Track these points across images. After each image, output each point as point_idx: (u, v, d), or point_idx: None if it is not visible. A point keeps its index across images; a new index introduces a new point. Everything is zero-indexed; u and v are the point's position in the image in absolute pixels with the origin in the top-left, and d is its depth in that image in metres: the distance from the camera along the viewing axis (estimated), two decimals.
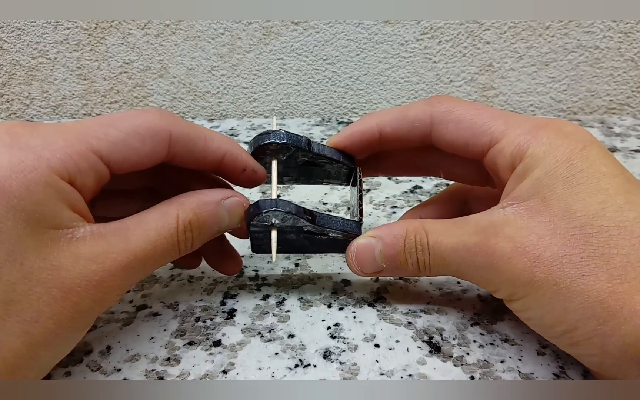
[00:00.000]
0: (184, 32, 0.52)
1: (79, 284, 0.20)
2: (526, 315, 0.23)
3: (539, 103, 0.54)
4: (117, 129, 0.22)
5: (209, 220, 0.24)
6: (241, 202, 0.25)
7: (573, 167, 0.22)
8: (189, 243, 0.23)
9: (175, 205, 0.23)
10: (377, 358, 0.25)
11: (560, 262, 0.20)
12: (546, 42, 0.51)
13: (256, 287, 0.30)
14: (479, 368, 0.24)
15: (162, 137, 0.23)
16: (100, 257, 0.20)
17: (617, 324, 0.19)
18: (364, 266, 0.26)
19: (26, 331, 0.19)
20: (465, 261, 0.23)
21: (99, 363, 0.25)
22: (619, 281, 0.20)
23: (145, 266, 0.22)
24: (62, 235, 0.20)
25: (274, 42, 0.52)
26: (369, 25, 0.51)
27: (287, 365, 0.24)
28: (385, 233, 0.25)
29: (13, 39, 0.52)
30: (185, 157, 0.24)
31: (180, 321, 0.27)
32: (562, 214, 0.21)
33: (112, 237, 0.21)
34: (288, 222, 0.26)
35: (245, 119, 0.55)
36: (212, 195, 0.24)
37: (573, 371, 0.24)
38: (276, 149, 0.27)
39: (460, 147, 0.26)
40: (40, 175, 0.19)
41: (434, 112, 0.26)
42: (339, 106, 0.55)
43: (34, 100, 0.55)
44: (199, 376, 0.24)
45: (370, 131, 0.27)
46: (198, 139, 0.24)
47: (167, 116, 0.23)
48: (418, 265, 0.24)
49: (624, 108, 0.53)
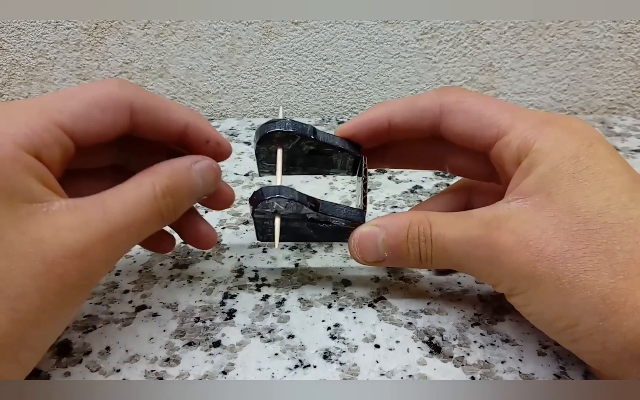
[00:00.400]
0: (184, 32, 0.52)
1: (62, 255, 0.19)
2: (527, 310, 0.23)
3: (539, 103, 0.54)
4: (77, 100, 0.22)
5: (184, 185, 0.24)
6: (211, 165, 0.25)
7: (579, 164, 0.22)
8: (170, 209, 0.23)
9: (149, 173, 0.23)
10: (378, 358, 0.25)
11: (563, 257, 0.20)
12: (546, 42, 0.51)
13: (256, 287, 0.29)
14: (479, 368, 0.24)
15: (123, 107, 0.23)
16: (81, 227, 0.20)
17: (619, 320, 0.19)
18: (365, 254, 0.25)
19: (12, 307, 0.18)
20: (468, 253, 0.23)
21: (98, 363, 0.24)
22: (621, 277, 0.19)
23: (129, 235, 0.22)
24: (38, 209, 0.20)
25: (274, 42, 0.52)
26: (369, 25, 0.51)
27: (287, 365, 0.24)
28: (389, 222, 0.25)
29: (13, 39, 0.52)
30: (148, 127, 0.24)
31: (180, 322, 0.27)
32: (566, 210, 0.21)
33: (90, 208, 0.21)
34: (291, 209, 0.26)
35: (245, 119, 0.55)
36: (182, 161, 0.24)
37: (574, 371, 0.24)
38: (281, 137, 0.27)
39: (467, 138, 0.26)
40: (6, 151, 0.19)
41: (444, 101, 0.26)
42: (339, 106, 0.55)
43: None
44: (199, 377, 0.24)
45: (379, 119, 0.27)
46: (159, 108, 0.24)
47: (127, 86, 0.24)
48: (420, 256, 0.24)
49: (624, 108, 0.53)
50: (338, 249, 0.33)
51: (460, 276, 0.30)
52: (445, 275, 0.30)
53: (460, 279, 0.30)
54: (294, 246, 0.33)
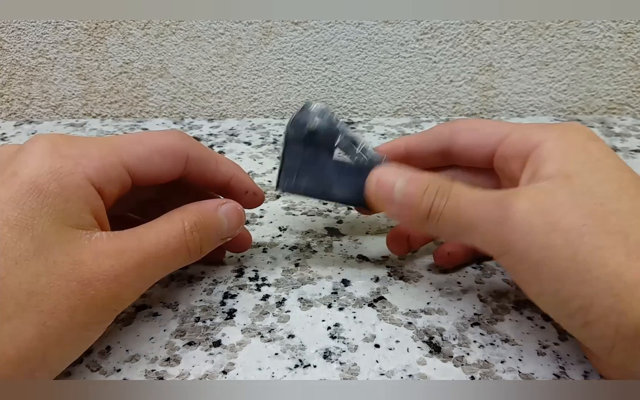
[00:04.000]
0: (184, 32, 0.52)
1: (97, 277, 0.21)
2: (538, 289, 0.22)
3: (539, 103, 0.54)
4: (144, 146, 0.25)
5: (212, 223, 0.26)
6: (236, 208, 0.27)
7: (590, 155, 0.22)
8: (197, 244, 0.25)
9: (180, 211, 0.25)
10: (377, 358, 0.25)
11: (579, 231, 0.20)
12: (546, 42, 0.51)
13: (256, 287, 0.30)
14: (479, 368, 0.24)
15: (180, 156, 0.26)
16: (117, 254, 0.22)
17: (634, 300, 0.19)
18: (380, 190, 0.25)
19: (42, 322, 0.20)
20: (480, 214, 0.22)
21: (98, 363, 0.25)
22: (635, 257, 0.19)
23: (158, 264, 0.23)
24: (83, 235, 0.22)
25: (274, 42, 0.52)
26: (369, 25, 0.51)
27: (287, 365, 0.24)
28: (412, 173, 0.25)
29: (13, 39, 0.52)
30: (198, 175, 0.27)
31: (180, 321, 0.27)
32: (583, 191, 0.21)
33: (127, 238, 0.23)
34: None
35: (245, 119, 0.55)
36: (211, 202, 0.26)
37: (573, 371, 0.24)
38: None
39: (473, 150, 0.28)
40: (75, 178, 0.22)
41: (453, 126, 0.29)
42: (339, 106, 0.55)
43: (34, 100, 0.55)
44: (199, 376, 0.24)
45: (397, 144, 0.30)
46: (210, 160, 0.27)
47: (186, 138, 0.26)
48: (429, 210, 0.24)
49: (624, 108, 0.53)
50: (338, 249, 0.33)
51: (460, 276, 0.30)
52: (445, 274, 0.30)
53: (460, 279, 0.30)
54: (294, 246, 0.33)
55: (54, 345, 0.20)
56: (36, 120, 0.56)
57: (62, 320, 0.20)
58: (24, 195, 0.21)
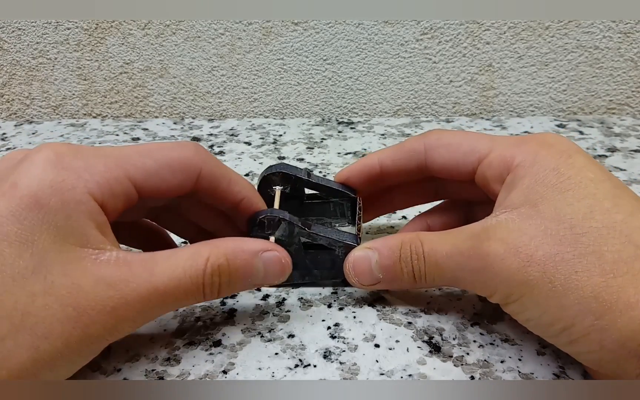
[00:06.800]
0: (184, 33, 0.52)
1: (93, 307, 0.20)
2: (524, 317, 0.23)
3: (539, 103, 0.54)
4: (153, 159, 0.23)
5: (242, 269, 0.23)
6: (280, 259, 0.24)
7: (560, 175, 0.22)
8: (215, 288, 0.23)
9: (209, 247, 0.23)
10: (377, 358, 0.25)
11: (553, 260, 0.21)
12: (546, 42, 0.51)
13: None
14: (479, 368, 0.24)
15: (192, 172, 0.24)
16: (119, 284, 0.20)
17: (613, 317, 0.19)
18: (361, 277, 0.26)
19: (35, 346, 0.19)
20: (460, 266, 0.23)
21: (98, 363, 0.25)
22: (611, 276, 0.20)
23: (165, 302, 0.22)
24: (88, 255, 0.20)
25: (274, 42, 0.52)
26: (369, 25, 0.51)
27: (287, 365, 0.24)
28: (381, 244, 0.26)
29: (13, 39, 0.52)
30: (208, 193, 0.25)
31: (180, 321, 0.27)
32: (552, 217, 0.22)
33: (137, 266, 0.21)
34: (284, 231, 0.27)
35: (245, 119, 0.55)
36: (251, 244, 0.24)
37: (573, 371, 0.24)
38: (277, 179, 0.30)
39: (452, 169, 0.27)
40: (76, 194, 0.21)
41: (426, 141, 0.28)
42: (339, 106, 0.55)
43: (34, 100, 0.55)
44: (199, 376, 0.24)
45: (371, 163, 0.29)
46: (223, 178, 0.25)
47: (201, 153, 0.25)
48: (414, 275, 0.25)
49: (623, 108, 0.53)
50: None
51: None
52: None
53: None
54: None
55: (46, 369, 0.19)
56: (36, 121, 0.56)
57: (56, 346, 0.19)
58: (24, 209, 0.20)
